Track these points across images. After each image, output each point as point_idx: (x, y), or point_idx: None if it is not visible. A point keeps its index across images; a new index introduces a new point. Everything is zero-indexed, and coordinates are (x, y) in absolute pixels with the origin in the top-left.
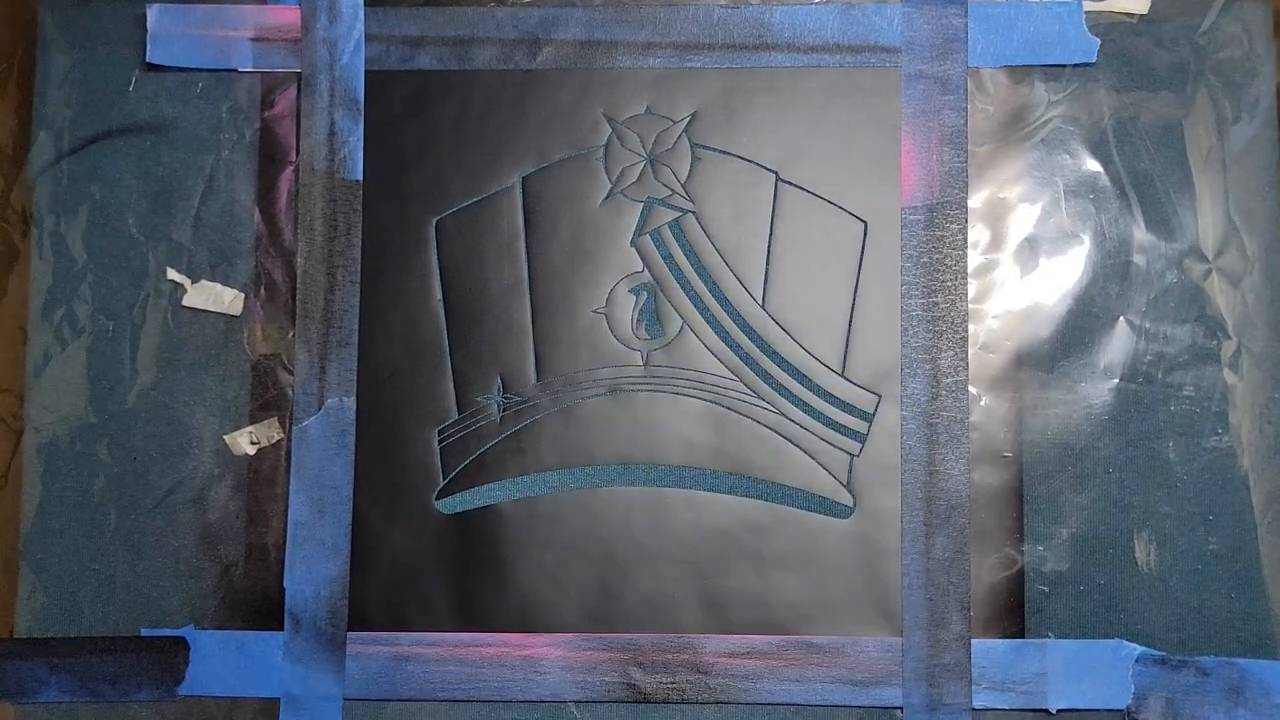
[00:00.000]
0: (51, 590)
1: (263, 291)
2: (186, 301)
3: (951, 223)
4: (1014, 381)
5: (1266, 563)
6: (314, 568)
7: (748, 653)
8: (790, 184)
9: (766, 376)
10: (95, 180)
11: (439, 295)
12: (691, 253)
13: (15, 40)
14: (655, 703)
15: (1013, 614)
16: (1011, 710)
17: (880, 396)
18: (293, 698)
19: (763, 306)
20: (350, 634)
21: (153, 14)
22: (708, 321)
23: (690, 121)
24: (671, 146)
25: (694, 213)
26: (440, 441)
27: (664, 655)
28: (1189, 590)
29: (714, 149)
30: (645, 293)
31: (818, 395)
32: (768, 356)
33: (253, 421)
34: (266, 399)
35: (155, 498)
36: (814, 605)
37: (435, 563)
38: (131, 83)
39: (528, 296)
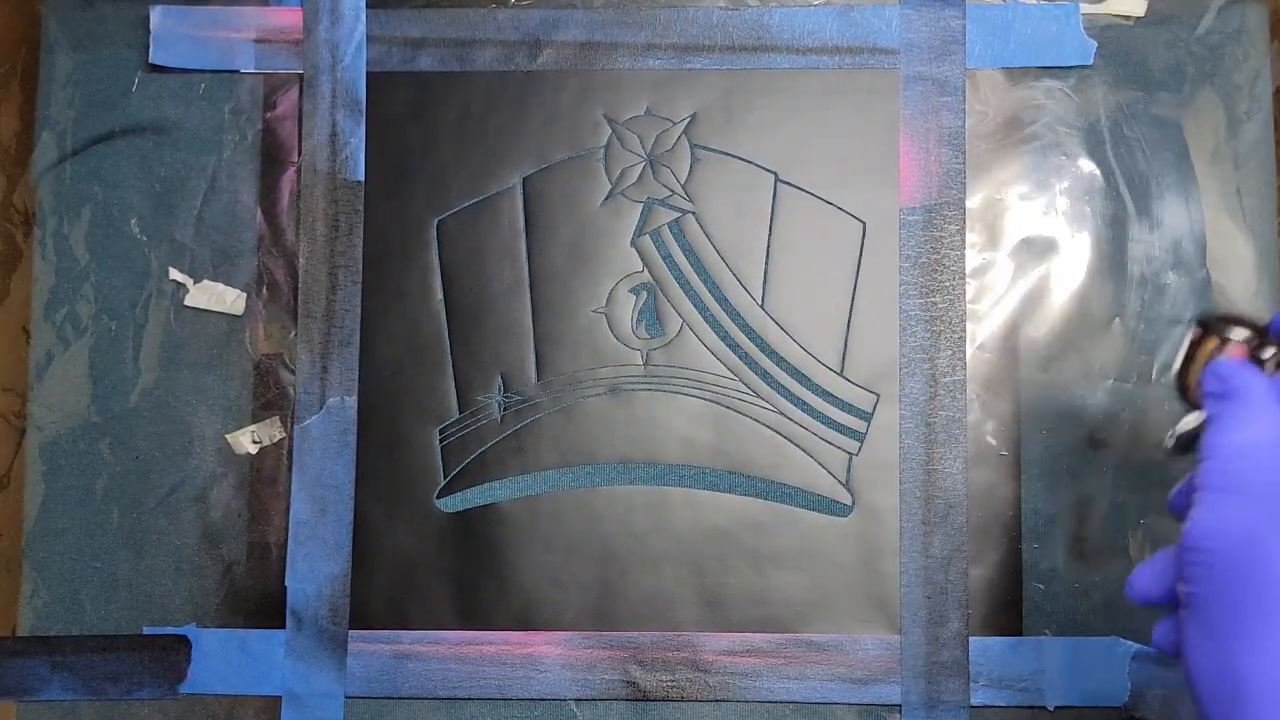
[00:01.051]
0: (54, 589)
1: (264, 291)
2: (189, 301)
3: (949, 223)
4: (1011, 381)
5: None
6: (315, 566)
7: (747, 651)
8: (789, 184)
9: (766, 376)
10: (98, 181)
11: (440, 295)
12: (691, 253)
13: (18, 41)
14: (655, 701)
15: (1010, 612)
16: (1009, 707)
17: (879, 396)
18: (294, 696)
19: (762, 306)
20: (351, 632)
21: (155, 15)
22: (707, 321)
23: (690, 122)
24: (671, 147)
25: (694, 213)
26: (441, 440)
27: (664, 653)
28: None
29: (713, 150)
30: (645, 293)
31: (816, 394)
32: (767, 356)
33: (254, 420)
34: (268, 398)
35: (157, 496)
36: (813, 603)
37: (436, 561)
38: (134, 84)
39: (528, 296)
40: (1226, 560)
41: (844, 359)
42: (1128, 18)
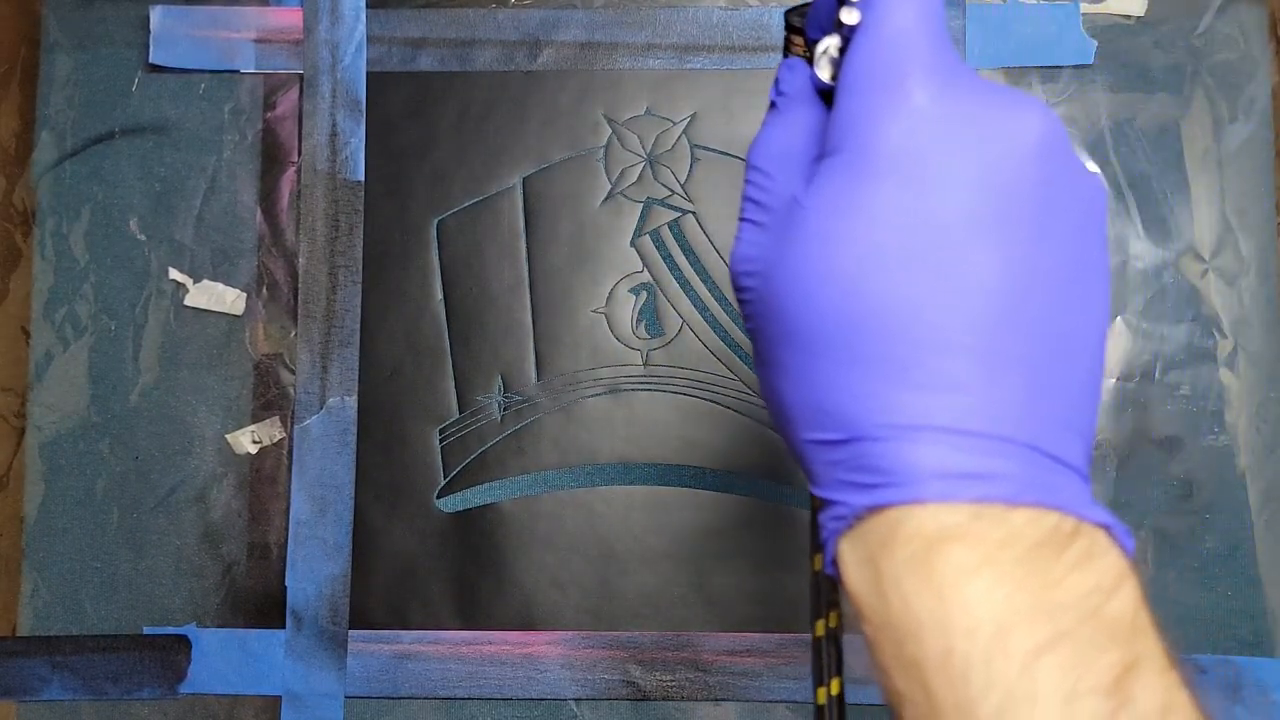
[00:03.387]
0: (54, 588)
1: (264, 291)
2: (188, 301)
3: None
4: None
5: (1263, 561)
6: (315, 566)
7: (747, 651)
8: None
9: None
10: (98, 181)
11: (440, 295)
12: (691, 253)
13: (19, 41)
14: (655, 700)
15: None
16: None
17: None
18: (294, 695)
19: None
20: (351, 632)
21: (155, 16)
22: (707, 321)
23: (690, 122)
24: (671, 147)
25: (693, 213)
26: (441, 440)
27: (664, 653)
28: (1186, 588)
29: (713, 149)
30: (645, 292)
31: None
32: None
33: (255, 420)
34: (268, 398)
35: (157, 496)
36: None
37: (436, 561)
38: (134, 84)
39: (528, 296)
40: (755, 292)
41: None
42: (1128, 17)
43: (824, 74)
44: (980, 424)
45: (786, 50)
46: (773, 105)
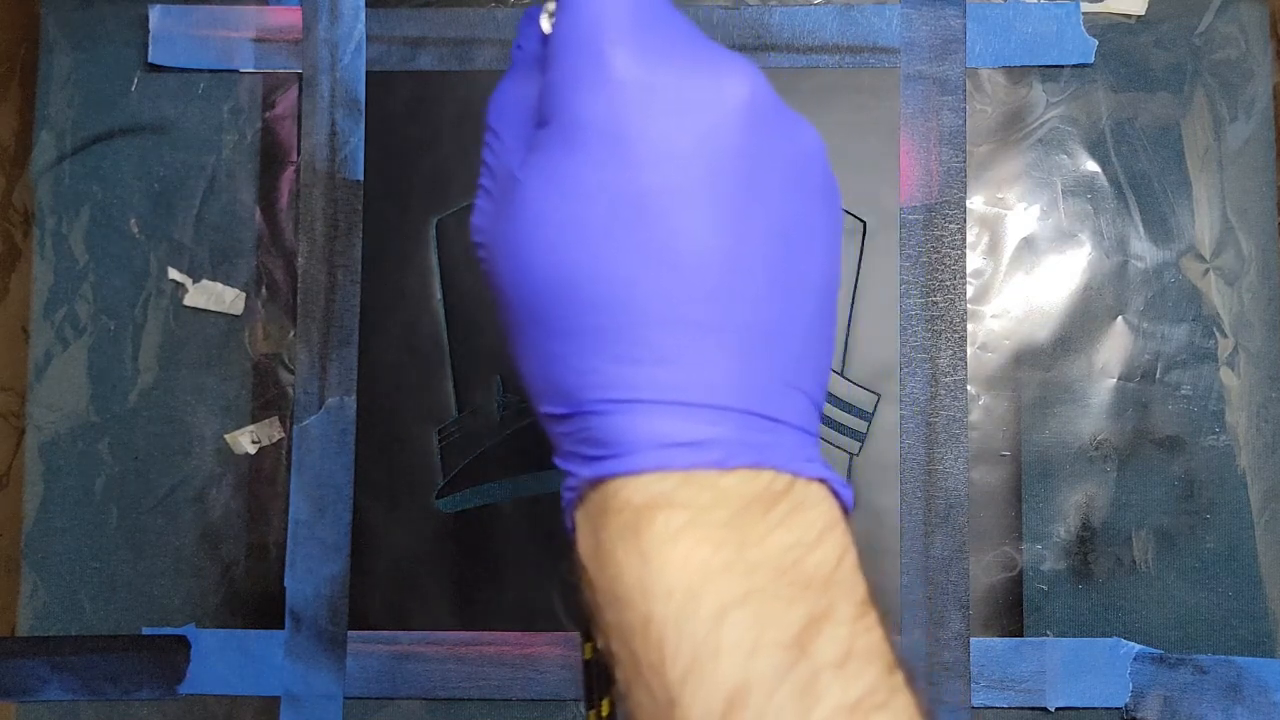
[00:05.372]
0: (53, 589)
1: (264, 291)
2: (188, 301)
3: (950, 223)
4: (1012, 381)
5: (1264, 561)
6: (314, 566)
7: None
8: None
9: None
10: (97, 180)
11: (439, 295)
12: None
13: (18, 41)
14: None
15: (1011, 613)
16: (1010, 709)
17: (879, 396)
18: (293, 696)
19: None
20: (351, 633)
21: (154, 15)
22: None
23: None
24: None
25: None
26: (440, 441)
27: None
28: (1187, 588)
29: None
30: None
31: None
32: None
33: (254, 420)
34: (267, 398)
35: (156, 497)
36: None
37: (435, 561)
38: (133, 83)
39: None
40: (486, 262)
41: (845, 358)
42: (1128, 17)
43: (547, 29)
44: (694, 395)
45: None
46: (512, 59)
